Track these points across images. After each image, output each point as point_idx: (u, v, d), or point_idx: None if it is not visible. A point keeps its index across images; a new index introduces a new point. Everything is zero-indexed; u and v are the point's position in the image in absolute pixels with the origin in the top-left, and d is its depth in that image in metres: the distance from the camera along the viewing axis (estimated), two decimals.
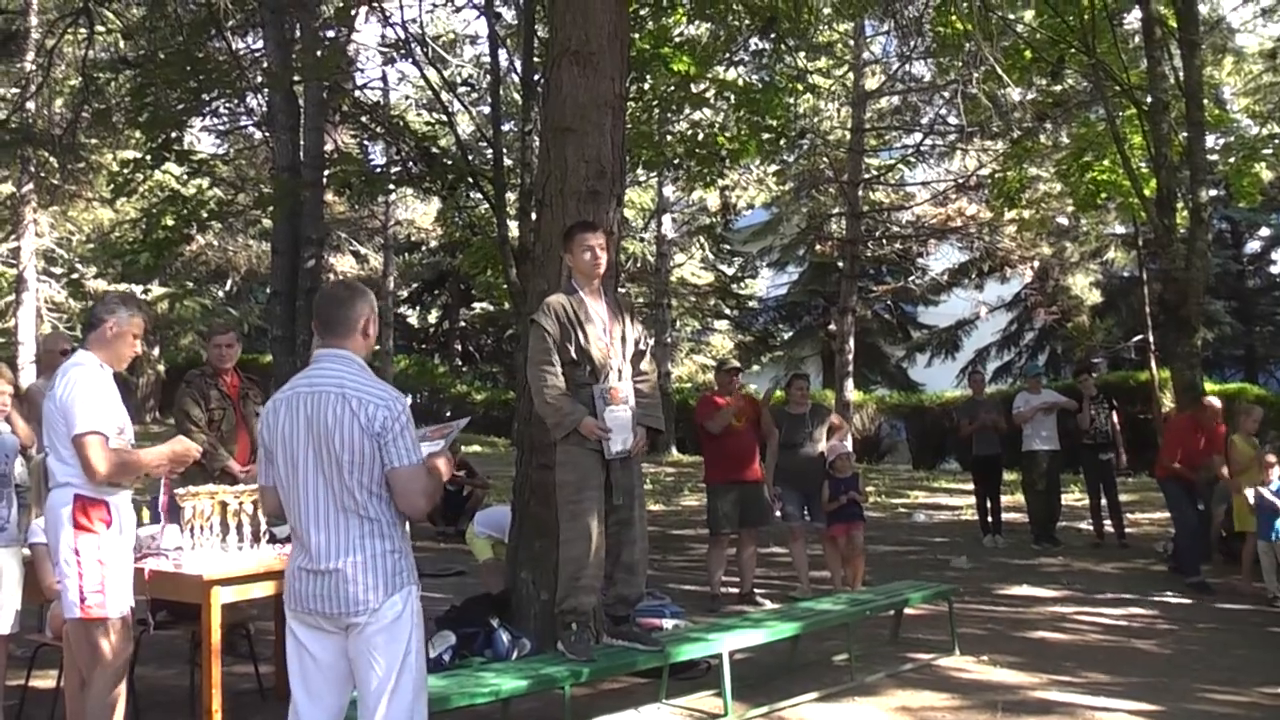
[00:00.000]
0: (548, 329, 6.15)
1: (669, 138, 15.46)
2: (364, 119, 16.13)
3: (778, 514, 10.53)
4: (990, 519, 13.92)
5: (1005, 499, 14.51)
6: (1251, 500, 10.53)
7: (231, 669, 6.94)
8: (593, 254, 6.26)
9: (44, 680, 6.54)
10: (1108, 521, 13.82)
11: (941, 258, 31.40)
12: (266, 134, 17.37)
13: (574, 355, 6.18)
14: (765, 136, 15.46)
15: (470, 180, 13.91)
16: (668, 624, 7.85)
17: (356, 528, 3.96)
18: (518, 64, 14.75)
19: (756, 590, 10.21)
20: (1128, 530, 14.03)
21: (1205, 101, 14.42)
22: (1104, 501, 13.76)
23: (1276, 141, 17.88)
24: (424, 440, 4.43)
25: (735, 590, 10.26)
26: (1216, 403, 11.74)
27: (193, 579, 5.45)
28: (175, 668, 7.16)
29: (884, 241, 28.60)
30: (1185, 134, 13.52)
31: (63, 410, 4.88)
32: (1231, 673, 7.52)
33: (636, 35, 13.49)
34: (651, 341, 6.87)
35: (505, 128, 14.26)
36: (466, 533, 9.98)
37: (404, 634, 3.99)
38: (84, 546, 4.86)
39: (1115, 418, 13.81)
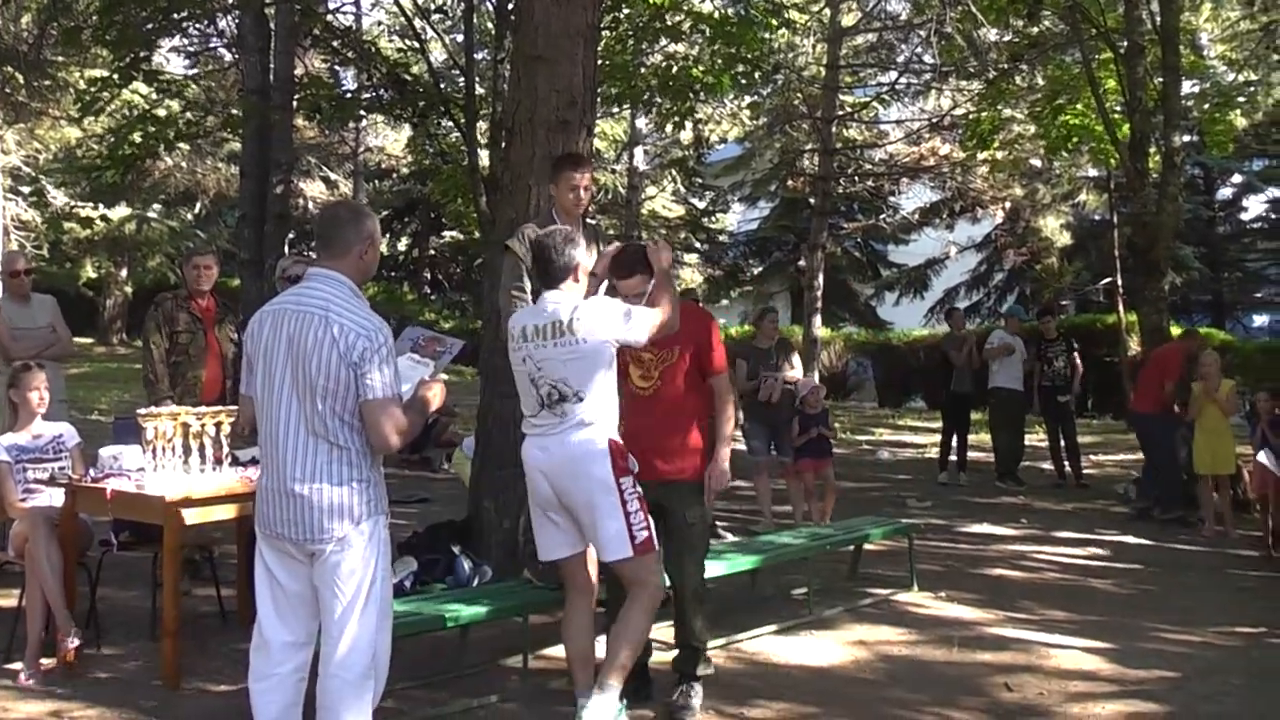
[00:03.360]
0: (521, 255, 6.11)
1: (642, 70, 15.33)
2: (335, 43, 15.93)
3: (742, 446, 10.56)
4: (956, 456, 13.96)
5: (971, 437, 14.59)
6: None
7: (193, 592, 6.98)
8: (576, 194, 6.19)
9: (5, 599, 6.53)
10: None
11: (913, 197, 31.38)
12: (236, 56, 17.17)
13: None
14: (740, 70, 15.36)
15: (441, 108, 13.80)
16: None
17: (325, 453, 3.91)
18: None
19: (718, 523, 10.26)
20: (1089, 471, 14.17)
21: (1181, 47, 14.40)
22: (1063, 443, 13.88)
23: (1251, 89, 17.90)
24: (414, 353, 4.37)
25: None
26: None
27: (155, 500, 5.44)
28: (137, 589, 7.15)
29: (856, 179, 28.52)
30: (1160, 79, 13.51)
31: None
32: (1186, 613, 7.60)
33: None
34: None
35: (478, 56, 14.12)
36: (454, 457, 9.99)
37: (369, 563, 3.95)
38: (625, 484, 4.81)
39: (1076, 359, 13.90)
